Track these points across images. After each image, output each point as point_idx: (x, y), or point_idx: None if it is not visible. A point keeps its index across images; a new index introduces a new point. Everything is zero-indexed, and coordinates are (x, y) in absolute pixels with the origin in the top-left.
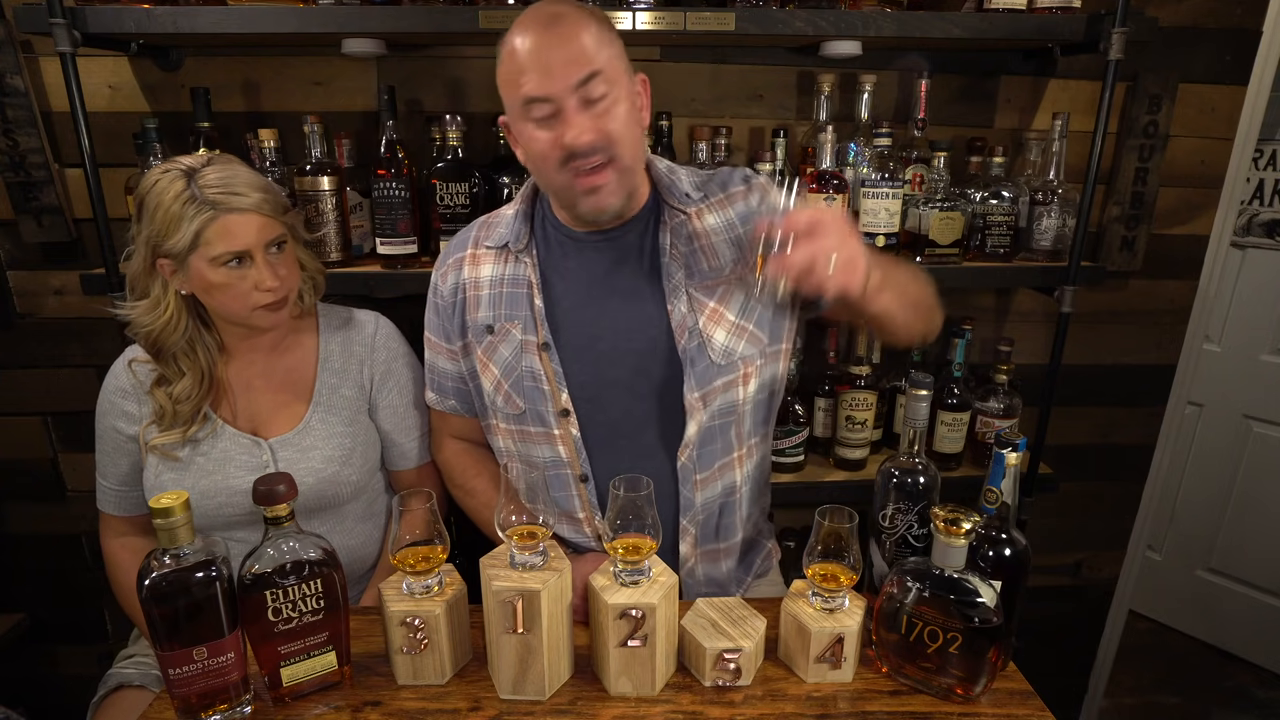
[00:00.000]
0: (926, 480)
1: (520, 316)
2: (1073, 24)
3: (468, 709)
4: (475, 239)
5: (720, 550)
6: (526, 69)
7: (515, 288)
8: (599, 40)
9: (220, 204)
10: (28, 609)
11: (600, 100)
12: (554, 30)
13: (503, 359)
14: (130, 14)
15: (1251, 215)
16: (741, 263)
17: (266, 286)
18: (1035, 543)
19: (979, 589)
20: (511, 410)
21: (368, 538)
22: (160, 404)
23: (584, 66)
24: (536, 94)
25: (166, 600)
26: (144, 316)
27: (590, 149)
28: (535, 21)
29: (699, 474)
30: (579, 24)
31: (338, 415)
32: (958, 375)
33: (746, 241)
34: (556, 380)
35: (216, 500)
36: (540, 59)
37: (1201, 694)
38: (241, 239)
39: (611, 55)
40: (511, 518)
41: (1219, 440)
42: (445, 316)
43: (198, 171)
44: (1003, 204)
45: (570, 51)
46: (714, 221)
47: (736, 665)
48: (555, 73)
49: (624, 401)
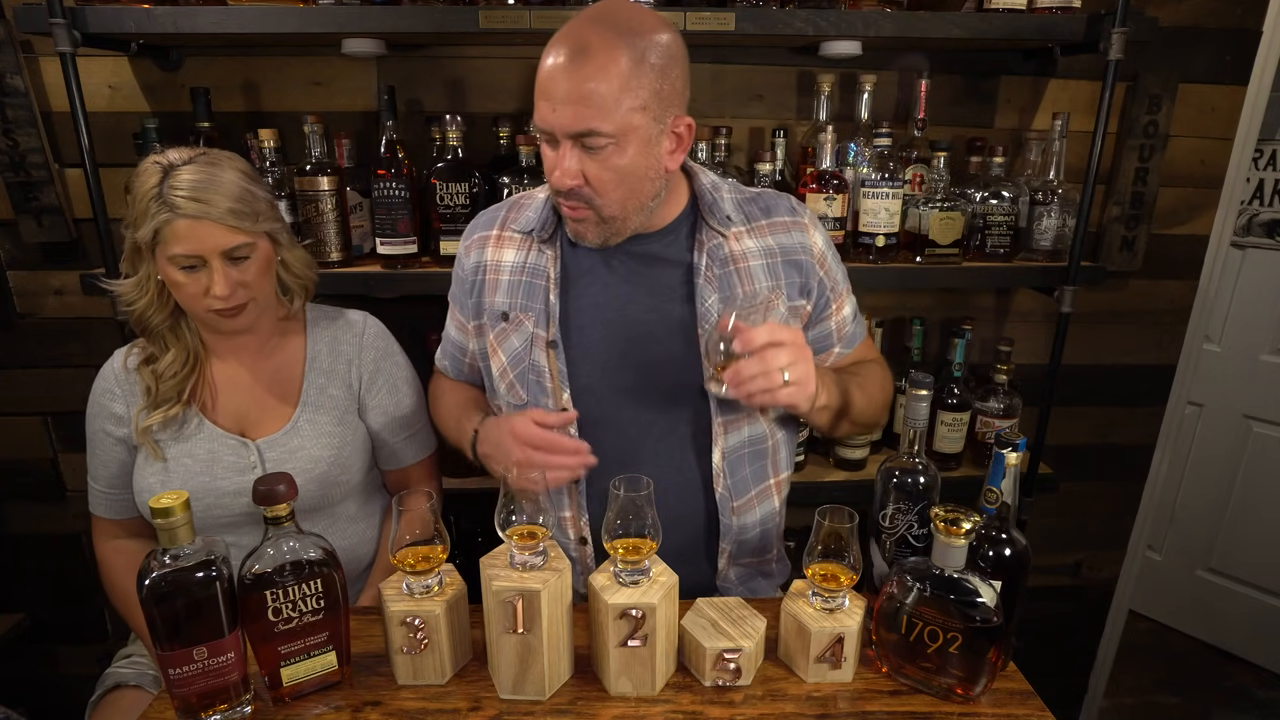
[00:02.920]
0: (926, 480)
1: (535, 309)
2: (1073, 24)
3: (468, 709)
4: (503, 220)
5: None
6: (541, 91)
7: (534, 278)
8: (622, 86)
9: (179, 208)
10: (28, 609)
11: (598, 150)
12: (575, 65)
13: (512, 348)
14: (130, 14)
15: (1251, 215)
16: (776, 289)
17: (217, 293)
18: (1035, 543)
19: (979, 589)
20: (514, 400)
21: (361, 538)
22: (147, 382)
23: (586, 121)
24: (538, 122)
25: (166, 600)
26: (130, 293)
27: (569, 194)
28: (567, 45)
29: (735, 500)
30: (604, 65)
31: (326, 415)
32: (958, 375)
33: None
34: (560, 379)
35: (205, 502)
36: (552, 89)
37: (1201, 694)
38: (196, 244)
39: (631, 106)
40: (512, 518)
41: (1219, 440)
42: (464, 291)
43: (174, 170)
44: (1003, 204)
45: (579, 95)
46: (753, 246)
47: (736, 665)
48: (558, 111)
49: (630, 410)
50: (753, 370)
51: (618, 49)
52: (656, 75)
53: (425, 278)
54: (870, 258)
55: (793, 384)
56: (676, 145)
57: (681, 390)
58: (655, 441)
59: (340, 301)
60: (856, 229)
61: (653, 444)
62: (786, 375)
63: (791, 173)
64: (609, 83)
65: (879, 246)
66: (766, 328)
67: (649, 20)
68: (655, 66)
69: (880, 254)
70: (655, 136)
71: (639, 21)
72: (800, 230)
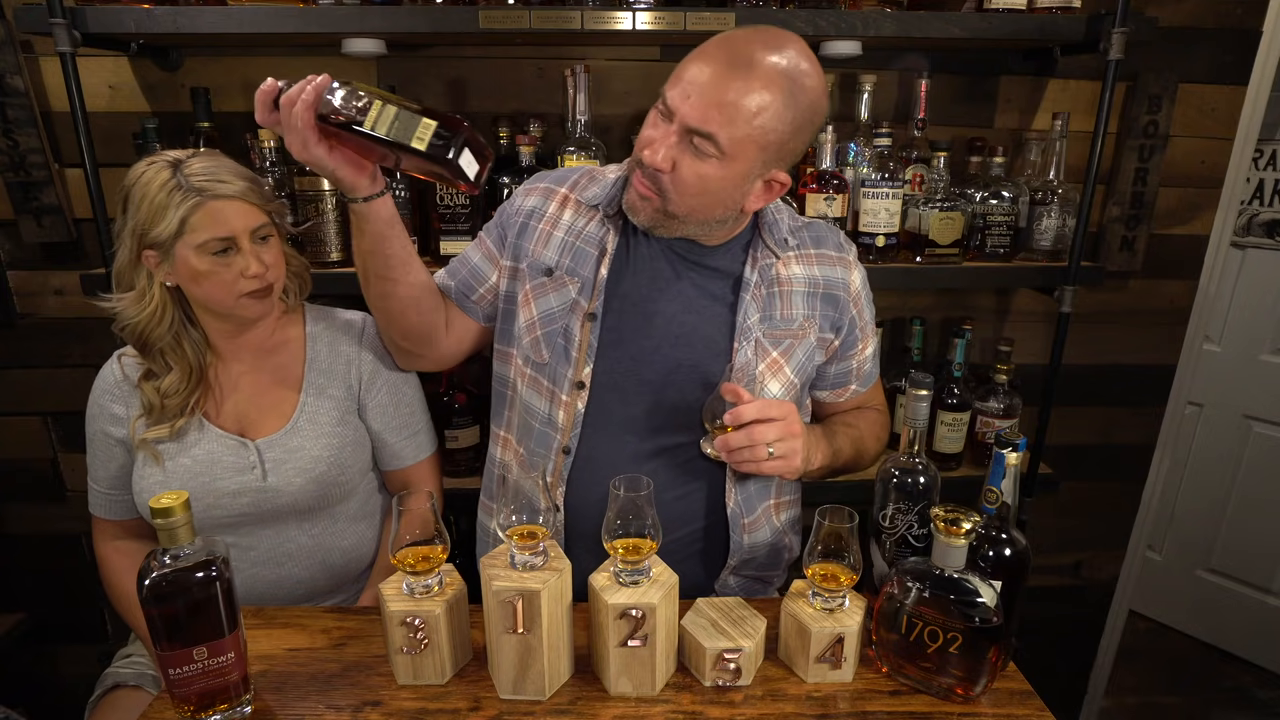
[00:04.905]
0: (926, 480)
1: (582, 276)
2: (1073, 24)
3: (468, 709)
4: (574, 183)
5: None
6: (687, 74)
7: (587, 245)
8: (758, 117)
9: (206, 190)
10: (28, 609)
11: (702, 154)
12: (733, 73)
13: (547, 306)
14: (130, 14)
15: (1251, 215)
16: (810, 319)
17: (252, 273)
18: (1035, 543)
19: (979, 589)
20: (535, 358)
21: (361, 538)
22: (149, 398)
23: (710, 123)
24: (668, 98)
25: (166, 600)
26: (130, 309)
27: (651, 170)
28: (735, 52)
29: (746, 517)
30: (758, 91)
31: (326, 415)
32: (958, 375)
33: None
34: (588, 351)
35: (205, 502)
36: (698, 78)
37: (1201, 694)
38: (227, 225)
39: (754, 138)
40: (512, 518)
41: (1219, 440)
42: (509, 227)
43: (184, 162)
44: (1003, 204)
45: (719, 100)
46: (799, 272)
47: (737, 665)
48: (691, 99)
49: (648, 401)
50: (740, 443)
51: (777, 87)
52: (791, 129)
53: None
54: (870, 258)
55: (778, 458)
56: (765, 192)
57: (703, 394)
58: (664, 440)
59: (341, 302)
60: (856, 229)
61: (663, 440)
62: (772, 450)
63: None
64: (750, 107)
65: (879, 246)
66: (757, 405)
67: (817, 79)
68: (793, 122)
69: (880, 254)
70: (753, 175)
71: (809, 76)
72: (844, 268)
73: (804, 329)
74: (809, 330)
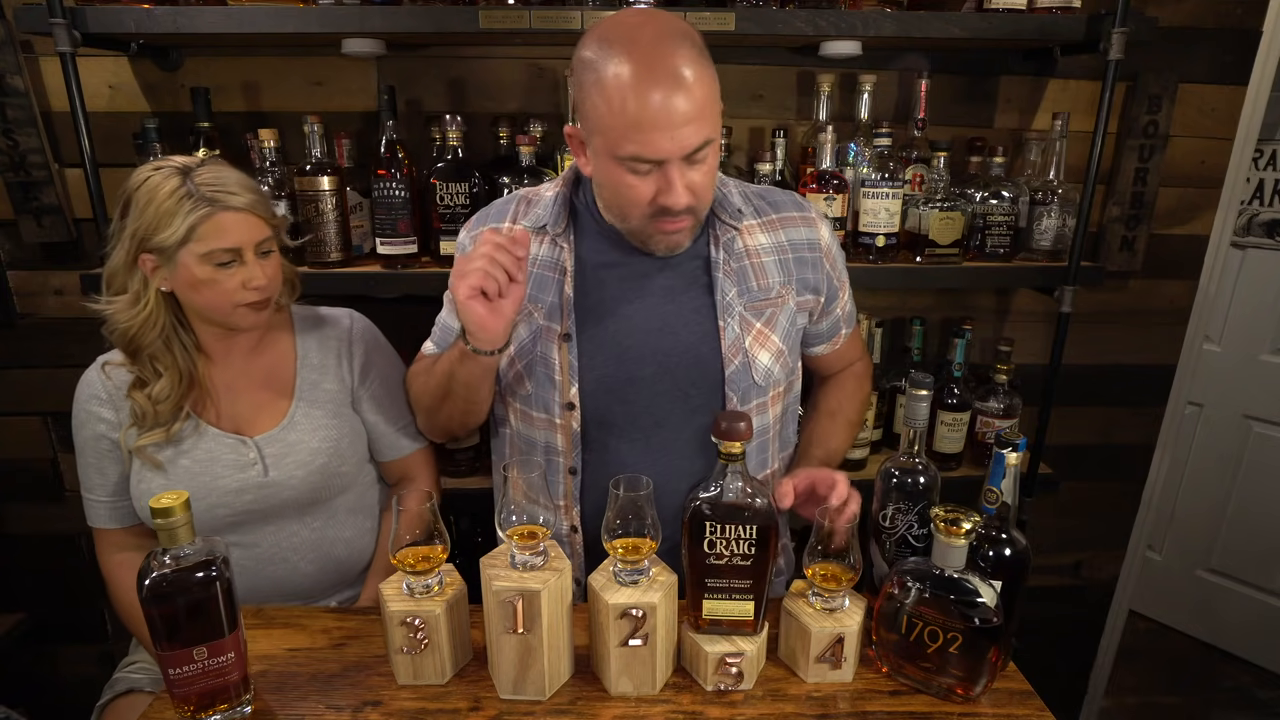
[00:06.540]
0: (926, 480)
1: (546, 302)
2: (1073, 24)
3: (468, 709)
4: (514, 214)
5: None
6: (650, 125)
7: (546, 270)
8: (712, 85)
9: (217, 201)
10: (28, 609)
11: (702, 163)
12: (680, 87)
13: (519, 339)
14: (130, 14)
15: (1251, 215)
16: (786, 285)
17: (255, 285)
18: (1035, 543)
19: (979, 589)
20: (520, 390)
21: (359, 529)
22: (140, 406)
23: (703, 133)
24: (649, 157)
25: (166, 600)
26: (123, 312)
27: (685, 210)
28: (660, 71)
29: None
30: (699, 75)
31: (321, 409)
32: (958, 375)
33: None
34: (570, 372)
35: (206, 502)
36: (668, 118)
37: (1201, 694)
38: (234, 237)
39: (714, 106)
40: (512, 518)
41: (1219, 440)
42: None
43: (193, 170)
44: (1003, 204)
45: (695, 113)
46: (765, 241)
47: (739, 669)
48: (678, 135)
49: (644, 398)
50: (853, 505)
51: (695, 53)
52: (714, 73)
53: (425, 278)
54: (870, 258)
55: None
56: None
57: (697, 378)
58: (670, 433)
59: (341, 301)
60: (856, 229)
61: (667, 434)
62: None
63: (791, 173)
64: (705, 88)
65: (879, 246)
66: (843, 482)
67: (682, 22)
68: (711, 66)
69: (880, 254)
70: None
71: (682, 24)
72: (809, 226)
73: (782, 295)
74: (787, 296)
